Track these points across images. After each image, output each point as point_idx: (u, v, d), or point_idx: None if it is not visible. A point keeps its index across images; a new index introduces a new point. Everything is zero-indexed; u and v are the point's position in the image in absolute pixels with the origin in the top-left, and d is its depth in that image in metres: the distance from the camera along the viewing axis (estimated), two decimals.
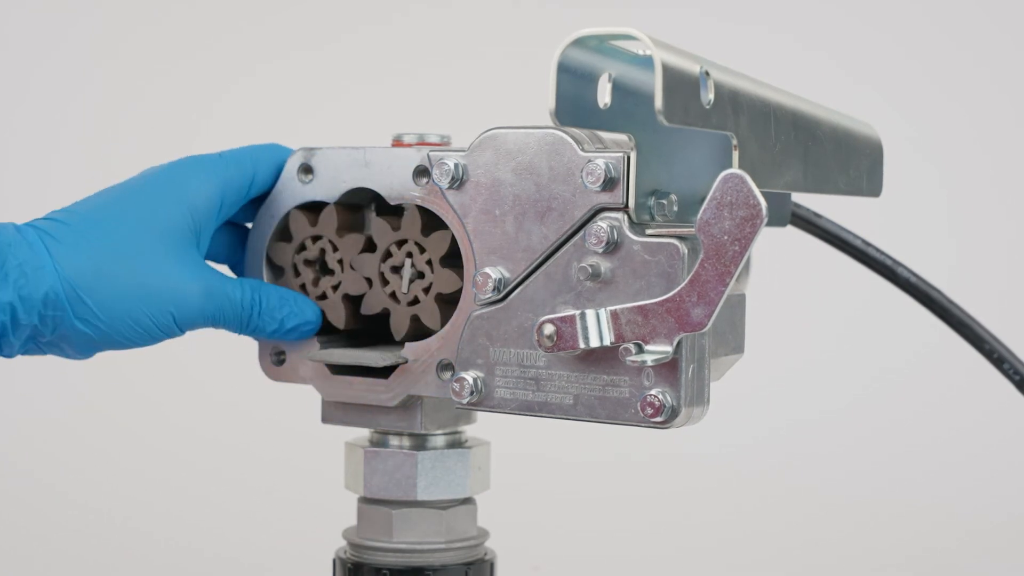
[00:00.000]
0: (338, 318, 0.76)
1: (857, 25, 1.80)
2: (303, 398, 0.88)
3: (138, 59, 1.78)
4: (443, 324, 0.72)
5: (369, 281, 0.75)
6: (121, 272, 0.71)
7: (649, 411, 0.66)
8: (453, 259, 0.73)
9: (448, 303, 0.73)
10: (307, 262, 0.77)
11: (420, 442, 0.78)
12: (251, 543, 1.32)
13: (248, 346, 0.80)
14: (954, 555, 1.34)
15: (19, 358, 0.73)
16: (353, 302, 0.76)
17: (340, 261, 0.76)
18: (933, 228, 1.76)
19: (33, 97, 1.78)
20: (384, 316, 0.75)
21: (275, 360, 0.78)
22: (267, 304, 0.75)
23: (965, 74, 1.79)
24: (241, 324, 0.75)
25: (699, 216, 0.63)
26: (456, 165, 0.70)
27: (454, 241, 0.72)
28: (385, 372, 0.74)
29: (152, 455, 1.53)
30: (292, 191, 0.77)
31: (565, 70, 0.69)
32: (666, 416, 0.65)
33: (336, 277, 0.76)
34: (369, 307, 0.75)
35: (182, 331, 0.74)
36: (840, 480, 1.54)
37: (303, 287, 0.77)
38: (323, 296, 0.77)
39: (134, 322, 0.71)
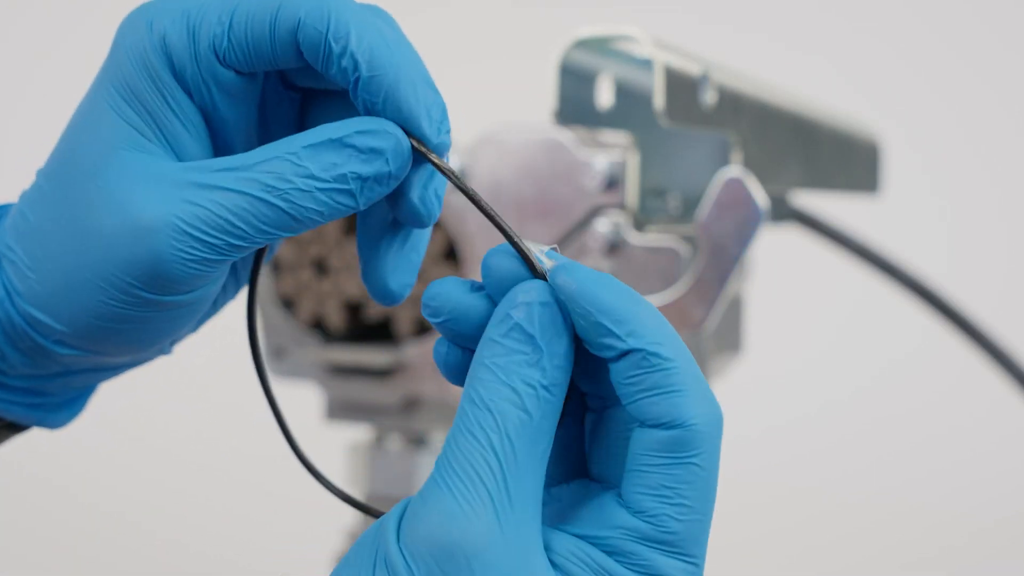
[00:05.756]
0: (335, 324, 0.76)
1: (852, 26, 1.81)
2: (304, 397, 0.88)
3: None
4: None
5: None
6: None
7: None
8: (450, 253, 0.73)
9: None
10: (309, 259, 0.77)
11: (420, 441, 0.78)
12: (251, 543, 1.32)
13: (247, 344, 0.80)
14: (952, 554, 1.34)
15: None
16: (349, 308, 0.76)
17: (340, 266, 0.76)
18: (931, 227, 1.76)
19: (31, 102, 1.78)
20: (386, 320, 0.75)
21: (276, 358, 0.78)
22: None
23: (962, 74, 1.79)
24: None
25: (699, 217, 0.63)
26: (457, 165, 0.70)
27: (448, 236, 0.72)
28: (386, 372, 0.75)
29: (151, 454, 1.53)
30: None
31: (567, 70, 0.69)
32: None
33: (335, 281, 0.76)
34: (371, 314, 0.75)
35: None
36: (840, 479, 1.54)
37: (301, 283, 0.77)
38: (320, 299, 0.76)
39: None
